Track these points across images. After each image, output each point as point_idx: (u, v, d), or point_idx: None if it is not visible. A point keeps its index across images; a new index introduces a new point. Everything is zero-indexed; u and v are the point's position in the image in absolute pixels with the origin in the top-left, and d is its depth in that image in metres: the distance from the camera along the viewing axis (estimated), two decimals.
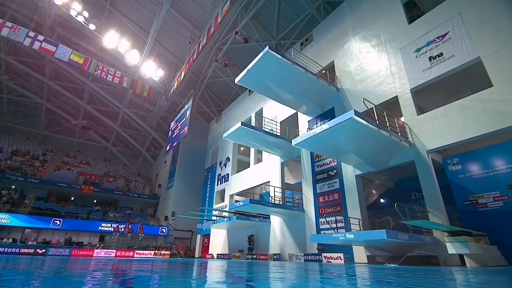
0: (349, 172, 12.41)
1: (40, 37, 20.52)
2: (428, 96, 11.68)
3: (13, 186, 23.41)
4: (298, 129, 15.99)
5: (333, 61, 15.04)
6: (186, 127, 23.02)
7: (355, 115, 8.27)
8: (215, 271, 5.58)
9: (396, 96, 11.32)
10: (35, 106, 31.80)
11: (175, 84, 24.48)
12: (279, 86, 13.23)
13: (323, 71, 14.66)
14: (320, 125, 10.33)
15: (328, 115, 13.97)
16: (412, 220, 8.35)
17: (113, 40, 23.26)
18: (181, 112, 25.70)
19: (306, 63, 13.55)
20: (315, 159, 14.49)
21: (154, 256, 21.70)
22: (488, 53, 9.05)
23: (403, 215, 8.81)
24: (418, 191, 11.73)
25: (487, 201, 9.57)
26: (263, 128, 15.03)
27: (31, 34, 20.17)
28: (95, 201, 27.99)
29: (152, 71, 25.53)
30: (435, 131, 9.90)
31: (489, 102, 8.75)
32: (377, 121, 9.31)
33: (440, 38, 10.50)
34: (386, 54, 12.28)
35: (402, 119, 11.13)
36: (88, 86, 28.81)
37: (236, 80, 12.91)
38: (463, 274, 5.01)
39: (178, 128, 25.26)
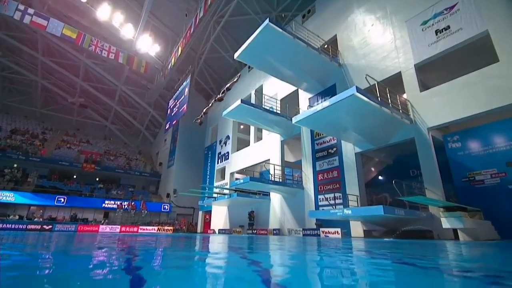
0: (349, 149, 12.44)
1: (31, 10, 19.60)
2: (431, 72, 11.38)
3: (15, 165, 23.61)
4: (298, 106, 15.79)
5: (335, 34, 14.48)
6: (185, 105, 22.74)
7: (357, 91, 8.10)
8: (217, 243, 5.77)
9: (400, 72, 11.04)
10: (30, 83, 31.17)
11: (172, 60, 23.80)
12: (280, 61, 12.85)
13: (325, 46, 14.16)
14: (321, 102, 10.17)
15: (329, 92, 13.71)
16: (409, 196, 8.51)
17: (106, 13, 22.22)
18: (179, 89, 25.25)
19: (308, 37, 13.04)
20: (315, 137, 14.46)
21: (158, 231, 22.43)
22: (496, 27, 8.68)
23: (401, 192, 8.95)
24: (417, 168, 11.81)
25: (484, 178, 9.68)
26: (263, 106, 14.84)
27: (21, 7, 19.23)
28: (97, 179, 28.38)
29: (148, 46, 24.68)
30: (437, 108, 9.76)
31: (494, 78, 8.54)
32: (379, 98, 9.16)
33: (448, 10, 10.01)
34: (391, 27, 11.78)
35: (405, 95, 10.94)
36: (83, 62, 28.02)
37: (235, 55, 12.50)
38: (455, 246, 5.18)
39: (177, 106, 24.97)
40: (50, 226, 19.22)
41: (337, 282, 1.81)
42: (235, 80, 12.07)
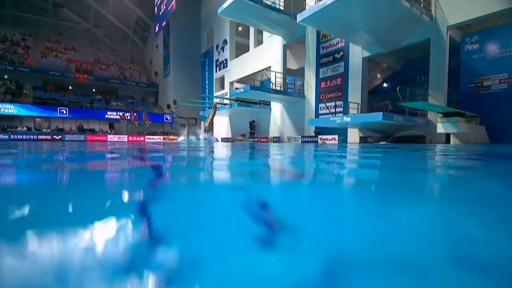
0: (357, 54, 11.58)
1: None
2: None
3: (5, 76, 22.66)
4: (305, 1, 13.71)
5: None
6: (173, 1, 19.80)
7: None
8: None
9: None
10: None
11: None
12: None
13: None
14: None
15: None
16: (410, 102, 8.47)
17: None
18: None
19: None
20: (321, 39, 13.21)
21: (164, 140, 23.67)
22: None
23: (403, 99, 8.85)
24: (425, 74, 11.33)
25: (492, 84, 9.47)
26: (264, 1, 12.85)
27: None
28: (93, 90, 27.83)
29: None
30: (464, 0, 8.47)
31: None
32: None
33: None
34: None
35: None
36: None
37: None
38: (443, 147, 5.47)
39: (164, 3, 21.80)
40: (60, 136, 20.13)
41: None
42: None
